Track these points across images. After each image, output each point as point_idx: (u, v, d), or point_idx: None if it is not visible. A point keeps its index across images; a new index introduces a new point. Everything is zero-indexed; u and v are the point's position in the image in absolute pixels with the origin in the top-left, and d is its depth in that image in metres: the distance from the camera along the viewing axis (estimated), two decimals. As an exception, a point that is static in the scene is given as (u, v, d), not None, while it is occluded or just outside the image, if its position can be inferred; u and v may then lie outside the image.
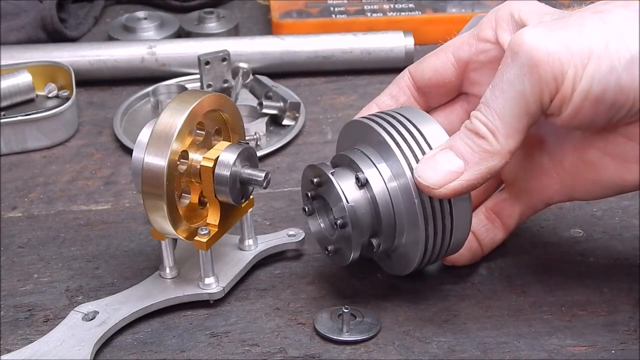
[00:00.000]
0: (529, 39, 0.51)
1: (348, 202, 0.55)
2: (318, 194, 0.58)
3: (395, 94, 0.62)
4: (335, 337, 0.56)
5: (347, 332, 0.56)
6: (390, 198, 0.56)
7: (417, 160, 0.55)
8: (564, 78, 0.51)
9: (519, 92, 0.51)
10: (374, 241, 0.56)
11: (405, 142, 0.55)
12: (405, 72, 0.62)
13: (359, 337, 0.56)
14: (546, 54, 0.50)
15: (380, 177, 0.56)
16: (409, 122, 0.56)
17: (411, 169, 0.54)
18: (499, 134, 0.52)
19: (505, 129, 0.52)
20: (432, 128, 0.56)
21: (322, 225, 0.59)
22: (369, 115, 0.59)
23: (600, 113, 0.52)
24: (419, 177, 0.53)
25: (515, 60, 0.51)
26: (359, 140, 0.58)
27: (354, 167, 0.57)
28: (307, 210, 0.59)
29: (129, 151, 0.76)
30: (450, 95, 0.62)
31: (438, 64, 0.60)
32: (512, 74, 0.51)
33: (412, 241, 0.56)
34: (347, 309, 0.57)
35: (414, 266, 0.57)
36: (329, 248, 0.58)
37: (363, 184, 0.56)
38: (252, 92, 0.84)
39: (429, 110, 0.62)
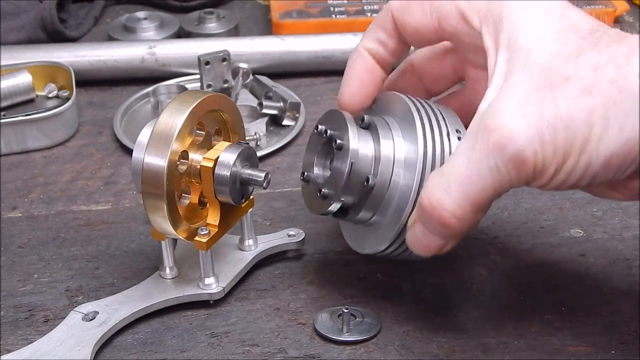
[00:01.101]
0: (506, 125, 0.48)
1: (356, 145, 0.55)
2: (331, 136, 0.57)
3: (383, 40, 0.58)
4: (335, 338, 0.56)
5: (347, 332, 0.56)
6: (392, 174, 0.55)
7: (433, 163, 0.54)
8: (543, 174, 0.49)
9: (491, 176, 0.49)
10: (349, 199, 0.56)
11: (432, 138, 0.55)
12: (389, 13, 0.57)
13: (359, 338, 0.56)
14: (526, 148, 0.47)
15: (392, 151, 0.55)
16: (443, 121, 0.56)
17: (425, 161, 0.54)
18: (467, 215, 0.50)
19: (473, 212, 0.50)
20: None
21: (316, 167, 0.58)
22: (408, 96, 0.58)
23: (580, 187, 0.50)
24: (410, 246, 0.53)
25: (487, 142, 0.48)
26: (385, 110, 0.58)
27: (372, 131, 0.56)
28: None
29: (129, 151, 0.76)
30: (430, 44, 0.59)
31: (421, 23, 0.56)
32: (484, 155, 0.48)
33: (390, 223, 0.55)
34: (347, 309, 0.57)
35: (382, 247, 0.56)
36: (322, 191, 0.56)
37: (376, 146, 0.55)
38: (252, 92, 0.84)
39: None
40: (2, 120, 0.77)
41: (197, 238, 0.57)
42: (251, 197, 0.60)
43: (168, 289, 0.59)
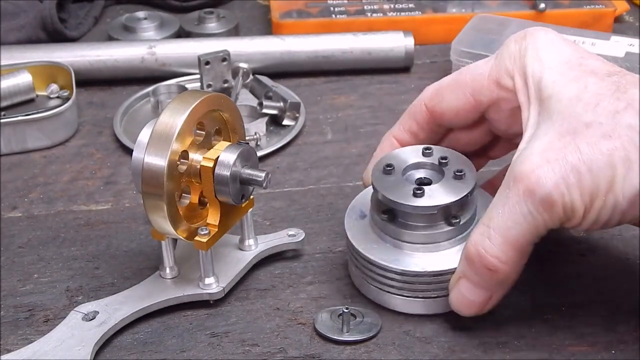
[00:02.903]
0: (533, 172, 0.51)
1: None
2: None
3: (415, 131, 0.61)
4: (335, 337, 0.56)
5: (347, 332, 0.56)
6: None
7: None
8: (574, 215, 0.51)
9: (526, 221, 0.52)
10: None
11: None
12: (422, 105, 0.61)
13: (359, 337, 0.56)
14: (553, 192, 0.50)
15: None
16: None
17: None
18: (510, 259, 0.53)
19: (516, 256, 0.53)
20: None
21: None
22: None
23: (612, 225, 0.52)
24: (453, 306, 0.56)
25: (518, 190, 0.51)
26: None
27: None
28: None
29: (129, 151, 0.76)
30: (470, 124, 0.61)
31: (459, 105, 0.59)
32: (516, 202, 0.51)
33: None
34: (347, 309, 0.57)
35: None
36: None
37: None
38: (252, 92, 0.84)
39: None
40: (2, 120, 0.77)
41: (197, 238, 0.57)
42: (251, 197, 0.60)
43: (168, 289, 0.59)
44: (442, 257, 0.57)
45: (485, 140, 0.62)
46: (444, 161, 0.58)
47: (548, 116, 0.52)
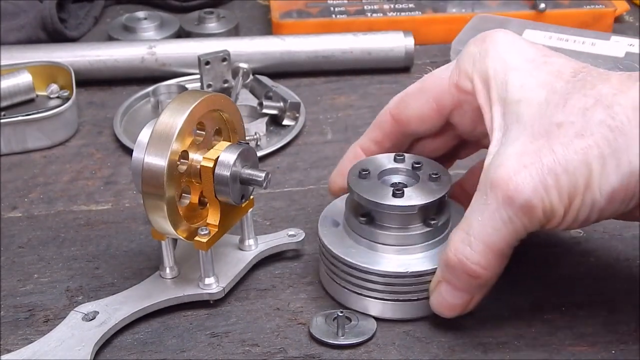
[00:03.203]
0: (510, 178, 0.50)
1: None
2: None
3: (380, 140, 0.62)
4: (330, 341, 0.56)
5: (342, 335, 0.56)
6: None
7: None
8: (554, 216, 0.51)
9: (506, 227, 0.51)
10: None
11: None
12: (387, 114, 0.61)
13: (354, 341, 0.56)
14: (533, 197, 0.50)
15: None
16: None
17: None
18: (491, 264, 0.53)
19: (496, 260, 0.53)
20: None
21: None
22: None
23: (590, 222, 0.53)
24: (435, 309, 0.56)
25: (496, 197, 0.51)
26: None
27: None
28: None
29: (129, 151, 0.76)
30: (435, 131, 0.61)
31: (423, 112, 0.59)
32: (495, 209, 0.51)
33: None
34: (341, 312, 0.57)
35: None
36: None
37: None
38: (252, 92, 0.84)
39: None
40: (2, 120, 0.77)
41: (197, 238, 0.57)
42: (251, 197, 0.60)
43: (168, 289, 0.59)
44: (421, 259, 0.57)
45: (452, 145, 0.63)
46: (417, 166, 0.59)
47: (517, 119, 0.52)
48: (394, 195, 0.56)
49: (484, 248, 0.52)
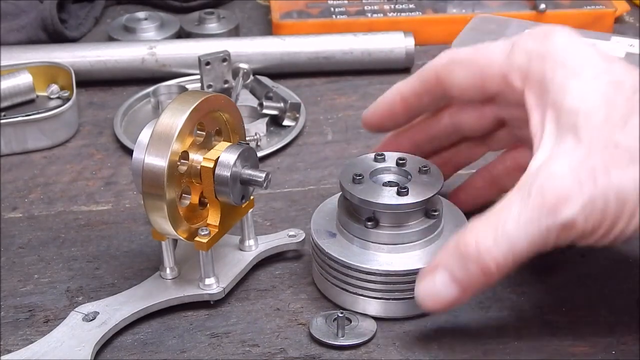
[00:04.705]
0: (562, 189, 0.49)
1: None
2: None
3: (420, 93, 0.61)
4: (330, 342, 0.56)
5: (342, 336, 0.56)
6: None
7: None
8: (591, 237, 0.50)
9: (539, 237, 0.50)
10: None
11: None
12: (432, 72, 0.60)
13: (354, 342, 0.56)
14: (578, 215, 0.49)
15: None
16: None
17: None
18: (506, 267, 0.51)
19: (513, 264, 0.51)
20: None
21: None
22: None
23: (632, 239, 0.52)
24: (418, 296, 0.53)
25: (542, 203, 0.49)
26: None
27: None
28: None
29: (129, 152, 0.76)
30: (477, 101, 0.60)
31: (468, 83, 0.58)
32: (536, 216, 0.50)
33: None
34: (342, 313, 0.57)
35: None
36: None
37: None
38: (253, 92, 0.84)
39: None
40: (2, 121, 0.77)
41: (197, 238, 0.57)
42: (251, 197, 0.60)
43: (168, 289, 0.59)
44: (423, 253, 0.58)
45: (489, 124, 0.61)
46: (402, 162, 0.59)
47: (574, 130, 0.50)
48: (399, 194, 0.56)
49: (508, 249, 0.50)
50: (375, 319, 0.58)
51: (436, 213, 0.58)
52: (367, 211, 0.58)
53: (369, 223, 0.57)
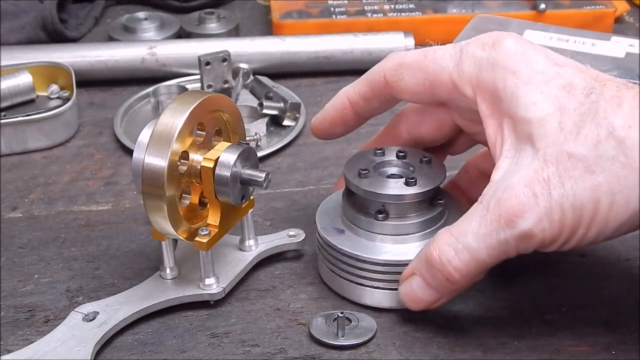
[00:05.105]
0: (517, 202, 0.50)
1: None
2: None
3: (369, 98, 0.61)
4: (330, 342, 0.56)
5: (342, 336, 0.56)
6: None
7: None
8: (551, 246, 0.51)
9: (499, 247, 0.51)
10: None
11: None
12: (381, 75, 0.59)
13: (354, 342, 0.56)
14: (535, 227, 0.50)
15: None
16: None
17: None
18: (469, 275, 0.53)
19: (477, 272, 0.53)
20: None
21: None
22: None
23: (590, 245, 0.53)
24: (401, 299, 0.56)
25: (499, 216, 0.51)
26: None
27: None
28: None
29: (129, 152, 0.76)
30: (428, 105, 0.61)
31: (417, 90, 0.58)
32: (494, 228, 0.51)
33: None
34: (342, 313, 0.57)
35: None
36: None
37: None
38: (253, 92, 0.84)
39: None
40: (2, 121, 0.77)
41: (197, 238, 0.57)
42: (251, 197, 0.60)
43: (168, 289, 0.59)
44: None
45: (448, 132, 0.61)
46: (402, 154, 0.60)
47: (529, 140, 0.51)
48: (407, 184, 0.57)
49: (469, 259, 0.52)
50: (392, 310, 0.58)
51: (441, 201, 0.59)
52: (376, 204, 0.58)
53: (380, 215, 0.58)
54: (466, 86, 0.55)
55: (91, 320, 0.57)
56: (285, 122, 0.81)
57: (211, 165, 0.56)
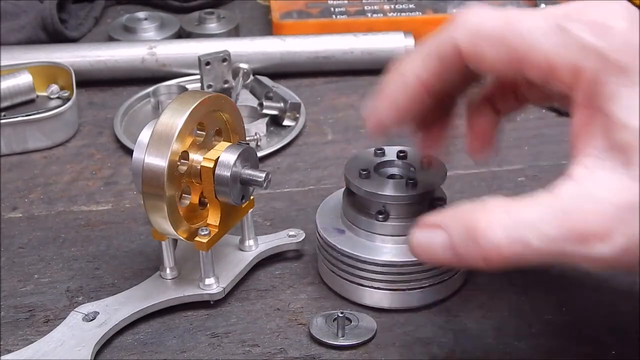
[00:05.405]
0: (601, 225, 0.43)
1: None
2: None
3: (439, 73, 0.51)
4: (330, 342, 0.56)
5: (342, 336, 0.56)
6: None
7: None
8: (621, 270, 0.45)
9: (552, 257, 0.44)
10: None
11: None
12: (454, 47, 0.49)
13: (354, 342, 0.56)
14: (610, 254, 0.43)
15: None
16: None
17: None
18: (506, 264, 0.45)
19: (519, 263, 0.45)
20: None
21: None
22: None
23: None
24: (413, 246, 0.49)
25: (572, 226, 0.43)
26: None
27: None
28: None
29: (129, 152, 0.76)
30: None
31: (501, 66, 0.48)
32: (560, 237, 0.44)
33: None
34: (342, 313, 0.57)
35: None
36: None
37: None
38: (253, 92, 0.84)
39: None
40: (2, 121, 0.77)
41: (197, 238, 0.57)
42: (251, 197, 0.60)
43: (168, 289, 0.59)
44: None
45: (514, 85, 0.55)
46: (402, 154, 0.60)
47: (622, 150, 0.44)
48: (408, 185, 0.57)
49: (518, 250, 0.44)
50: (392, 311, 0.58)
51: (441, 202, 0.59)
52: (377, 205, 0.58)
53: (380, 216, 0.58)
54: (565, 72, 0.46)
55: (91, 320, 0.57)
56: (285, 122, 0.81)
57: (211, 165, 0.56)
